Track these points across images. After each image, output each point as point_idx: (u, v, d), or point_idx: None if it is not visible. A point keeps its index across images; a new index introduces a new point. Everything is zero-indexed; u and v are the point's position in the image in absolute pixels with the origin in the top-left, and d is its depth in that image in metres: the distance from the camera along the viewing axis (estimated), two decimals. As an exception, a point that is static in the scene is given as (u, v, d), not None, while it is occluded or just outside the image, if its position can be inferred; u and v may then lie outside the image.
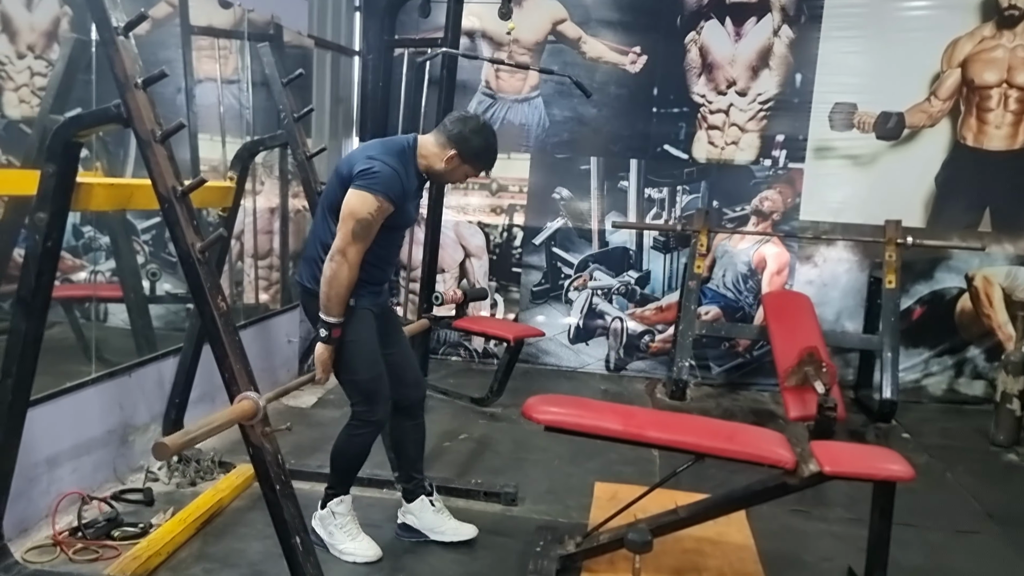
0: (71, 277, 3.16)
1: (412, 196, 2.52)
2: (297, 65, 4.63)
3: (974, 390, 4.90)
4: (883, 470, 2.36)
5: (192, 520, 2.61)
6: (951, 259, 4.90)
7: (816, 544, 2.91)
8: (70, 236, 3.16)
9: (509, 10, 4.38)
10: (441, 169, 2.47)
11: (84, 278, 3.21)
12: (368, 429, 2.53)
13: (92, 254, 3.20)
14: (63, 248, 3.03)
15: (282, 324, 4.56)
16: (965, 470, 3.77)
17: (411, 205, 2.53)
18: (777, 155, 5.06)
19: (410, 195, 2.48)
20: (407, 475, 2.75)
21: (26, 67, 2.94)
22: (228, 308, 2.01)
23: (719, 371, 5.24)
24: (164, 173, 1.90)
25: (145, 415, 3.11)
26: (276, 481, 1.99)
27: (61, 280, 3.08)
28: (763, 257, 5.16)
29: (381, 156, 2.36)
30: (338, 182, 2.39)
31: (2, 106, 2.84)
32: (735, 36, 5.00)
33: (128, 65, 1.88)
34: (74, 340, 3.01)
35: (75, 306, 3.10)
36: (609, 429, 2.46)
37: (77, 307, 3.12)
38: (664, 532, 2.54)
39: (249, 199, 4.25)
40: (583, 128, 5.26)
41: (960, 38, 4.75)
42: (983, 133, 4.79)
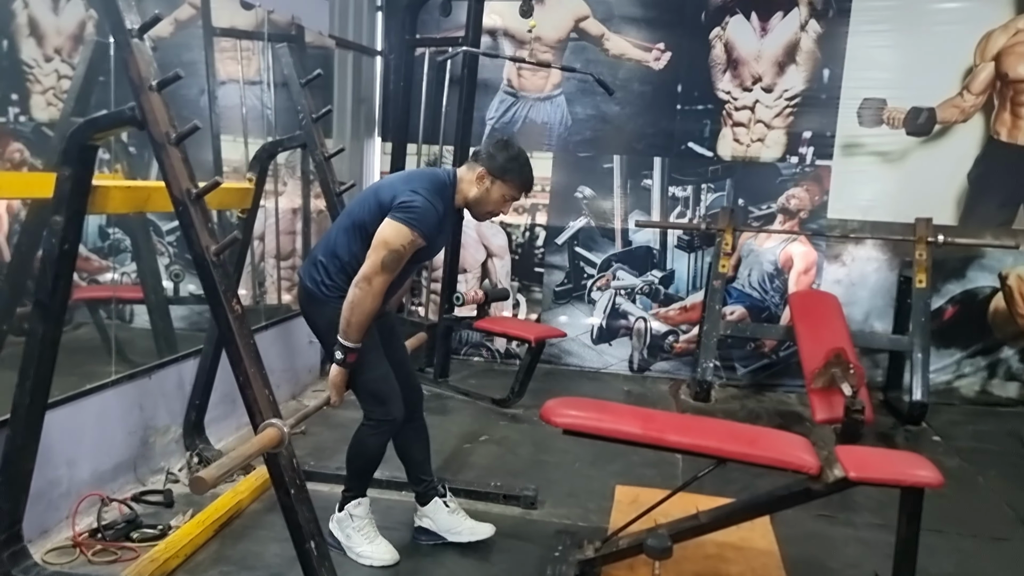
0: (98, 278, 3.19)
1: (445, 232, 2.51)
2: (318, 65, 4.65)
3: (1008, 392, 4.76)
4: (911, 476, 2.28)
5: (210, 522, 2.62)
6: (984, 258, 4.76)
7: (842, 550, 2.84)
8: (96, 238, 3.20)
9: (530, 7, 4.35)
10: (477, 195, 2.45)
11: (111, 279, 3.24)
12: (382, 429, 2.52)
13: (119, 256, 3.24)
14: (90, 249, 3.13)
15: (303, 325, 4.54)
16: (998, 474, 3.67)
17: (441, 240, 2.52)
18: (804, 152, 4.96)
19: (444, 231, 2.48)
20: (416, 478, 2.74)
21: (53, 70, 2.97)
22: (244, 312, 1.99)
23: (744, 372, 5.16)
24: (179, 175, 1.90)
25: (165, 417, 3.12)
26: (291, 485, 1.98)
27: (88, 281, 3.12)
28: (790, 256, 5.06)
29: (424, 191, 2.34)
30: (376, 206, 2.37)
31: (30, 109, 2.87)
32: (761, 31, 4.92)
33: (143, 68, 1.88)
34: (99, 341, 3.03)
35: (99, 307, 3.13)
36: (628, 433, 2.41)
37: (102, 308, 3.15)
38: (685, 538, 2.49)
39: (272, 200, 4.28)
40: (606, 126, 5.20)
41: (994, 31, 4.61)
42: (1017, 128, 4.66)
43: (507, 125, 5.28)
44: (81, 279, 3.10)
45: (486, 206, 2.48)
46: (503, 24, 5.15)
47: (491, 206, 2.48)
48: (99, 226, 3.18)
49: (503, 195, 2.45)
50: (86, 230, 3.16)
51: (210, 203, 3.05)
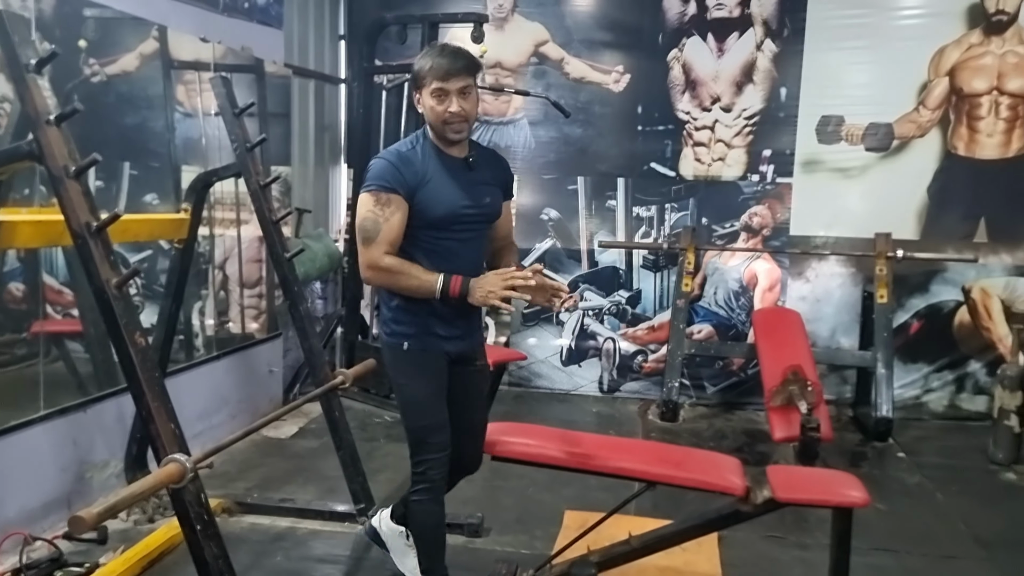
0: (73, 312, 3.18)
1: (436, 180, 2.16)
2: (280, 94, 4.72)
3: (976, 406, 4.72)
4: (838, 496, 2.26)
5: (138, 558, 2.58)
6: (947, 271, 4.75)
7: (788, 573, 2.80)
8: (63, 271, 3.19)
9: (481, 34, 4.37)
10: (427, 119, 2.18)
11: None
12: (422, 494, 2.27)
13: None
14: (60, 282, 3.11)
15: (264, 353, 4.55)
16: (958, 491, 3.62)
17: (442, 191, 2.16)
18: (765, 170, 4.97)
19: (427, 178, 2.15)
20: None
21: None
22: (148, 345, 1.98)
23: (714, 391, 5.12)
24: (77, 209, 1.89)
25: (104, 451, 3.09)
26: (197, 521, 1.95)
27: (63, 314, 3.11)
28: (754, 274, 5.05)
29: (380, 154, 2.21)
30: None
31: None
32: (717, 52, 4.94)
33: (39, 102, 1.88)
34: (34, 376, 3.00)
35: (63, 340, 3.11)
36: (554, 458, 2.39)
37: (67, 341, 3.13)
38: (617, 563, 2.46)
39: (234, 228, 4.28)
40: (569, 148, 5.22)
41: (947, 46, 4.64)
42: (975, 142, 4.66)
43: (471, 149, 5.30)
44: (55, 312, 3.09)
45: (435, 121, 2.14)
46: (464, 50, 5.18)
47: (435, 116, 2.13)
48: (67, 261, 3.18)
49: (432, 95, 2.11)
50: (56, 263, 3.18)
51: (139, 235, 3.08)
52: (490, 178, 2.29)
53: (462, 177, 2.21)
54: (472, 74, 2.14)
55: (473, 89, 2.15)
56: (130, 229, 2.03)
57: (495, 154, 2.40)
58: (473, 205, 2.21)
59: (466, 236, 2.23)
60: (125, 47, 3.46)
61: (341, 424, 3.07)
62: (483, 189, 2.25)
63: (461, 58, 2.12)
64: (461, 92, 2.11)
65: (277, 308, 4.74)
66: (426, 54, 2.15)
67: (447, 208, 2.17)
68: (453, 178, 2.19)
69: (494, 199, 2.29)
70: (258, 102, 4.27)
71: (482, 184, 2.25)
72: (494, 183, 2.30)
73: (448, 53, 2.13)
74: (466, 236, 2.23)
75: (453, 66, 2.09)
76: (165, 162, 3.82)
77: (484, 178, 2.26)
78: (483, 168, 2.27)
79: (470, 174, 2.23)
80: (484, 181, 2.26)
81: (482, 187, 2.25)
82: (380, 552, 2.88)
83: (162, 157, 3.80)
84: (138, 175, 3.60)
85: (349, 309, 4.99)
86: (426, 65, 2.11)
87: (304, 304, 3.09)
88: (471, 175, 2.23)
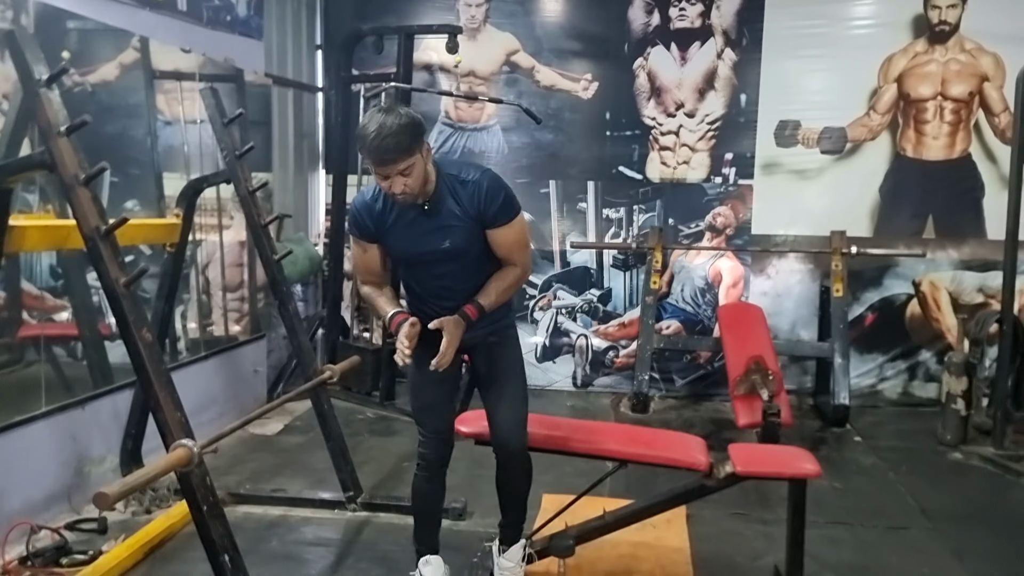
0: (53, 317, 3.28)
1: (395, 227, 2.27)
2: (259, 103, 4.85)
3: (928, 392, 5.00)
4: (793, 468, 2.48)
5: (140, 545, 2.71)
6: (899, 266, 5.03)
7: (750, 545, 3.01)
8: (49, 277, 3.30)
9: (455, 44, 4.56)
10: None
11: (67, 318, 3.34)
12: (417, 469, 2.47)
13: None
14: (40, 287, 3.22)
15: (249, 354, 4.67)
16: (909, 470, 3.88)
17: (399, 239, 2.29)
18: (727, 172, 5.21)
19: (387, 225, 2.27)
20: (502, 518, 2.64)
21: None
22: (155, 340, 2.13)
23: (682, 383, 5.35)
24: (88, 213, 2.04)
25: (101, 447, 3.22)
26: (203, 502, 2.10)
27: (42, 319, 3.20)
28: (719, 271, 5.29)
29: (354, 198, 2.34)
30: None
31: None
32: (681, 60, 5.18)
33: (51, 115, 2.02)
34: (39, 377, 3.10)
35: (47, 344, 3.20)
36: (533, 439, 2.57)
37: (55, 345, 3.22)
38: (592, 537, 2.65)
39: (218, 234, 4.41)
40: (541, 153, 5.42)
41: (894, 54, 4.93)
42: (922, 144, 4.96)
43: (446, 155, 5.47)
44: (32, 317, 3.20)
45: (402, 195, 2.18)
46: (438, 59, 5.37)
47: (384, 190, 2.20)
48: (50, 265, 3.29)
49: (375, 174, 2.16)
50: (38, 270, 3.29)
51: (135, 239, 3.21)
52: (454, 219, 2.25)
53: (421, 224, 2.25)
54: (411, 152, 2.08)
55: (415, 163, 2.11)
56: (126, 233, 2.16)
57: (474, 188, 2.25)
58: (429, 252, 2.27)
59: (443, 270, 2.31)
60: (104, 57, 3.55)
61: (330, 416, 3.22)
62: (443, 232, 2.25)
63: (393, 148, 2.05)
64: (401, 172, 2.10)
65: (260, 310, 4.87)
66: (362, 132, 2.09)
67: (404, 253, 2.32)
68: (410, 226, 2.26)
69: (456, 239, 2.26)
70: (222, 114, 4.40)
71: (442, 228, 2.25)
72: (461, 221, 2.25)
73: (378, 143, 2.05)
74: (443, 270, 2.31)
75: (386, 156, 2.06)
76: (147, 169, 3.93)
77: (446, 221, 2.25)
78: (449, 209, 2.24)
79: (429, 220, 2.25)
80: (445, 224, 2.25)
81: (442, 230, 2.25)
82: (370, 534, 3.06)
83: (143, 165, 3.90)
84: (118, 182, 3.69)
85: (330, 310, 5.14)
86: (363, 145, 2.10)
87: (293, 303, 3.24)
88: (431, 220, 2.25)
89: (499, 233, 2.29)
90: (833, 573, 2.77)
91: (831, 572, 2.78)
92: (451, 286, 2.32)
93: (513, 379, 2.45)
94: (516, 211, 2.31)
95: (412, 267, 2.36)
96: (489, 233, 2.28)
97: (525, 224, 2.41)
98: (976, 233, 4.95)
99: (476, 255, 2.31)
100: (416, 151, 2.10)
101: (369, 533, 3.07)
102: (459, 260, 2.30)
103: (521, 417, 2.43)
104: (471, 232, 2.27)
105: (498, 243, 2.30)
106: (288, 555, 2.87)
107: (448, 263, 2.30)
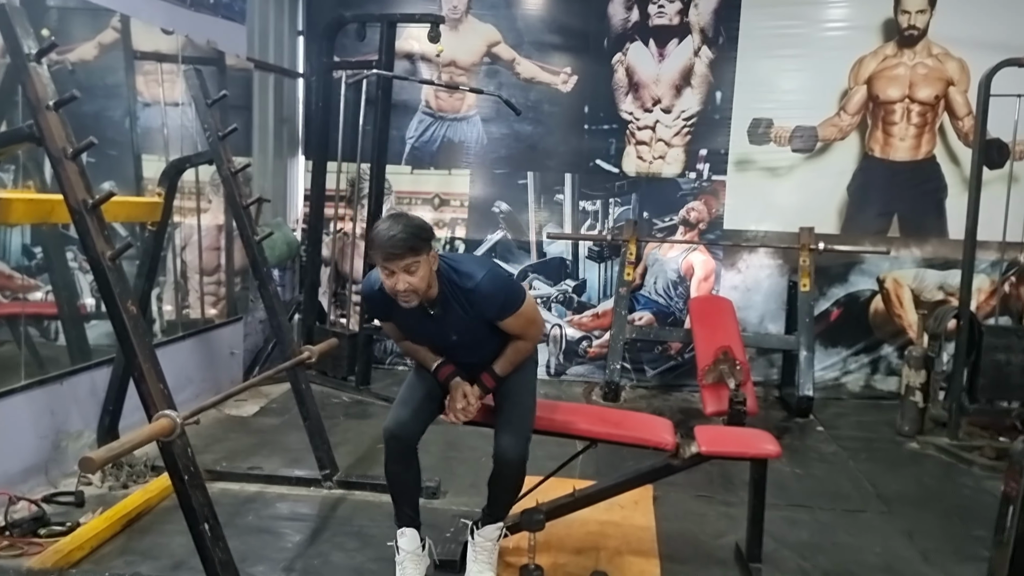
0: (23, 296, 3.28)
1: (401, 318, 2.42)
2: (240, 87, 4.87)
3: (888, 386, 5.17)
4: (754, 448, 2.59)
5: (118, 518, 2.75)
6: (864, 263, 5.19)
7: (713, 524, 3.13)
8: (21, 256, 3.31)
9: (437, 34, 4.61)
10: None
11: (40, 297, 3.34)
12: (386, 449, 2.51)
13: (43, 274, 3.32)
14: (13, 267, 3.22)
15: (225, 336, 4.70)
16: (867, 458, 4.03)
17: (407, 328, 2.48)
18: (701, 168, 5.33)
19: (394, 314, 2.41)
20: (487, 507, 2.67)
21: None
22: (139, 313, 2.17)
23: (653, 374, 5.47)
24: (75, 187, 2.08)
25: (79, 422, 3.24)
26: (184, 472, 2.15)
27: (11, 298, 3.21)
28: (691, 265, 5.42)
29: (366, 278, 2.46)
30: None
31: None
32: (659, 57, 5.29)
33: (40, 89, 2.06)
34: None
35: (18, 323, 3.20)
36: (507, 419, 2.64)
37: (32, 325, 3.22)
38: (562, 513, 2.74)
39: (196, 217, 4.42)
40: (519, 144, 5.50)
41: (865, 56, 5.08)
42: (889, 145, 5.11)
43: (426, 144, 5.54)
44: (3, 297, 3.20)
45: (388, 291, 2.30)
46: (420, 48, 5.42)
47: (387, 287, 2.28)
48: (23, 245, 3.29)
49: (381, 268, 2.27)
50: (8, 248, 3.29)
51: (118, 216, 3.24)
52: (459, 319, 2.38)
53: (427, 323, 2.40)
54: (417, 252, 2.21)
55: (421, 263, 2.23)
56: (108, 210, 2.20)
57: (475, 295, 2.35)
58: (439, 341, 2.48)
59: (453, 350, 2.49)
60: (84, 36, 3.55)
61: (308, 396, 3.28)
62: (450, 329, 2.41)
63: (401, 243, 2.19)
64: (406, 269, 2.22)
65: (237, 294, 4.90)
66: (375, 229, 2.28)
67: (413, 338, 2.52)
68: (420, 320, 2.39)
69: (463, 334, 2.42)
70: (206, 95, 4.41)
71: (449, 325, 2.40)
72: (466, 321, 2.38)
73: (390, 237, 2.20)
74: (453, 350, 2.49)
75: (394, 251, 2.19)
76: (125, 151, 3.93)
77: (451, 320, 2.38)
78: (454, 310, 2.37)
79: (434, 321, 2.39)
80: (450, 324, 2.39)
81: (449, 327, 2.40)
82: (345, 510, 3.13)
83: (122, 146, 3.91)
84: (96, 162, 3.68)
85: (307, 296, 5.18)
86: (374, 242, 2.25)
87: (272, 284, 3.28)
88: (436, 321, 2.39)
89: (507, 324, 2.43)
90: (791, 551, 2.89)
91: (789, 550, 2.90)
92: (464, 356, 2.52)
93: (523, 397, 2.56)
94: (520, 301, 2.42)
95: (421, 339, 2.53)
96: (498, 323, 2.42)
97: (532, 304, 2.53)
98: (938, 232, 5.12)
99: (485, 336, 2.46)
100: (423, 252, 2.24)
101: (344, 510, 3.13)
102: (468, 345, 2.48)
103: (525, 433, 2.50)
104: (477, 327, 2.42)
105: (508, 329, 2.45)
106: (264, 529, 2.93)
107: (458, 348, 2.49)
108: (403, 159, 5.53)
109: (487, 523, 2.62)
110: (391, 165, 5.28)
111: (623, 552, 2.82)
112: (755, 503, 2.63)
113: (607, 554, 2.80)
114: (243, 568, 2.36)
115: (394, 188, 5.53)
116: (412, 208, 5.61)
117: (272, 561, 2.68)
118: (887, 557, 2.91)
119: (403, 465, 2.56)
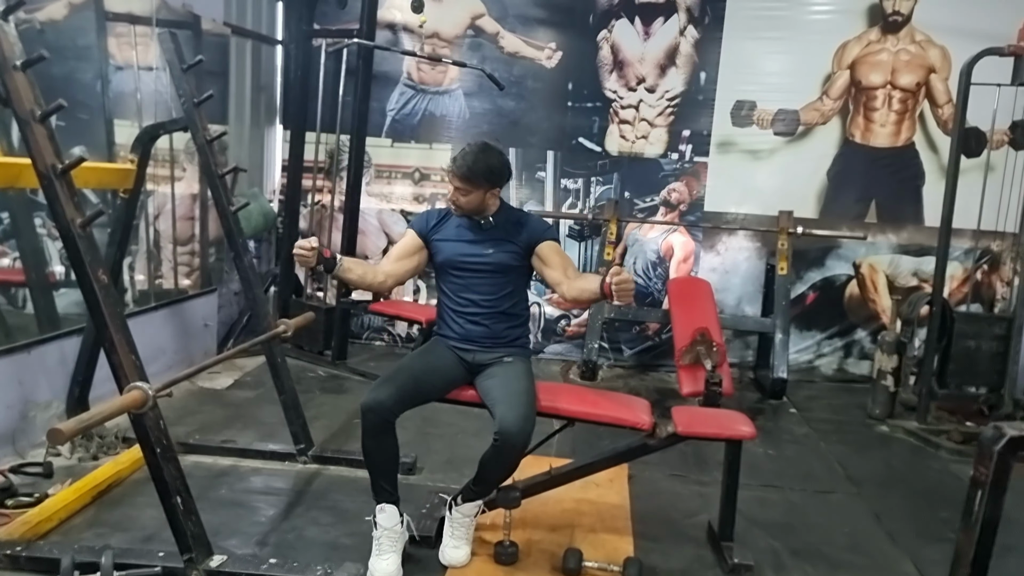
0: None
1: (449, 233, 2.64)
2: (216, 52, 4.75)
3: (861, 369, 5.25)
4: (730, 430, 2.61)
5: (88, 489, 2.71)
6: (841, 248, 5.23)
7: (686, 503, 3.15)
8: None
9: (421, 4, 4.53)
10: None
11: (7, 264, 3.26)
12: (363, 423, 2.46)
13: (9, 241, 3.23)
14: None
15: (199, 307, 4.63)
16: (838, 440, 4.09)
17: (448, 243, 2.63)
18: (684, 149, 5.32)
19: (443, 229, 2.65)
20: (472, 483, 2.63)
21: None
22: (110, 282, 2.12)
23: (630, 353, 5.49)
24: (44, 151, 2.01)
25: (47, 392, 3.18)
26: (156, 444, 2.12)
27: None
28: (671, 246, 5.43)
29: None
30: None
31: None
32: (644, 35, 5.24)
33: (7, 48, 1.98)
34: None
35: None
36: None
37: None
38: (538, 491, 2.75)
39: (169, 185, 4.33)
40: (502, 120, 5.44)
41: (849, 41, 5.08)
42: (870, 131, 5.14)
43: (407, 117, 5.46)
44: None
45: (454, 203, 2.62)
46: (403, 19, 5.32)
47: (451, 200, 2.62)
48: (11, 212, 3.19)
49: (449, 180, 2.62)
50: None
51: (88, 182, 3.16)
52: (503, 236, 2.63)
53: (471, 232, 2.64)
54: (470, 183, 2.52)
55: (474, 192, 2.54)
56: (79, 175, 2.13)
57: (524, 219, 2.70)
58: (471, 256, 2.62)
59: (475, 282, 2.63)
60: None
61: (283, 370, 3.24)
62: (490, 244, 2.62)
63: (459, 168, 2.53)
64: (459, 190, 2.55)
65: (211, 265, 4.82)
66: (468, 144, 2.60)
67: (449, 251, 2.65)
68: (463, 233, 2.64)
69: (499, 252, 2.62)
70: (181, 59, 4.30)
71: (490, 240, 2.62)
72: (506, 240, 2.63)
73: (462, 158, 2.54)
74: (475, 282, 2.63)
75: (458, 170, 2.53)
76: (96, 115, 3.82)
77: (495, 236, 2.62)
78: (500, 229, 2.63)
79: (480, 232, 2.63)
80: (494, 239, 2.62)
81: (489, 243, 2.62)
82: (320, 485, 3.11)
83: (92, 110, 3.79)
84: (66, 126, 3.56)
85: (284, 268, 5.11)
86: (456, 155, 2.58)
87: (248, 256, 3.23)
88: (481, 232, 2.63)
89: (549, 248, 2.63)
90: (761, 530, 2.93)
91: (760, 529, 2.94)
92: (477, 300, 2.63)
93: (524, 383, 2.57)
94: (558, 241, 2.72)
95: (449, 272, 2.65)
96: (538, 250, 2.62)
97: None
98: (915, 219, 5.17)
99: (510, 278, 2.65)
100: (478, 187, 2.54)
101: (319, 484, 3.12)
102: (493, 275, 2.63)
103: (529, 414, 2.48)
104: (514, 253, 2.63)
105: (548, 259, 2.63)
106: (238, 502, 2.90)
107: (483, 275, 2.62)
108: (383, 131, 5.45)
109: (469, 499, 2.61)
110: (371, 137, 5.21)
111: (597, 529, 2.84)
112: (728, 483, 2.66)
113: (582, 531, 2.82)
114: (215, 542, 2.34)
115: (374, 161, 5.46)
116: (391, 183, 5.55)
117: (245, 535, 2.66)
118: (855, 537, 2.96)
119: (379, 440, 2.52)
